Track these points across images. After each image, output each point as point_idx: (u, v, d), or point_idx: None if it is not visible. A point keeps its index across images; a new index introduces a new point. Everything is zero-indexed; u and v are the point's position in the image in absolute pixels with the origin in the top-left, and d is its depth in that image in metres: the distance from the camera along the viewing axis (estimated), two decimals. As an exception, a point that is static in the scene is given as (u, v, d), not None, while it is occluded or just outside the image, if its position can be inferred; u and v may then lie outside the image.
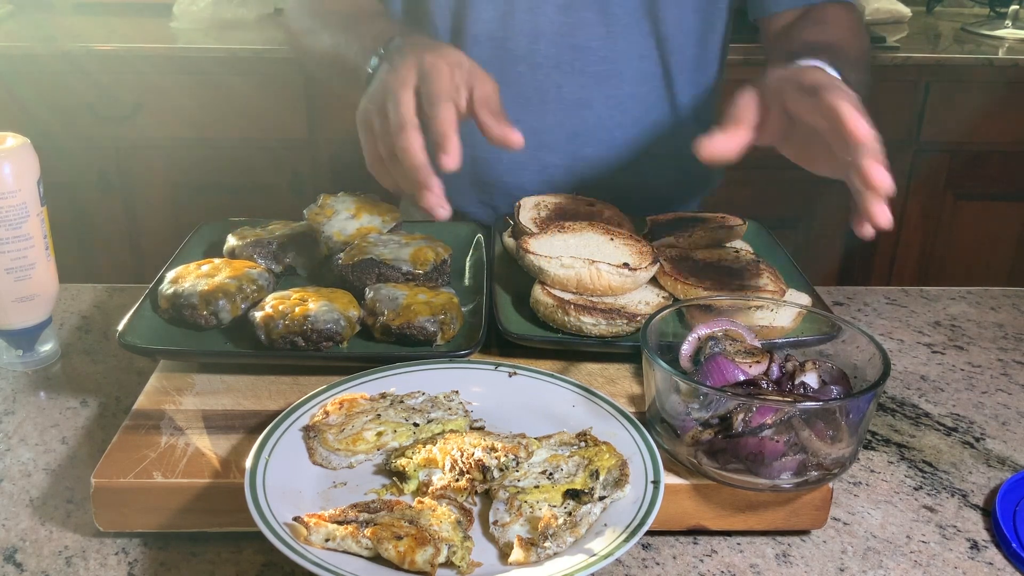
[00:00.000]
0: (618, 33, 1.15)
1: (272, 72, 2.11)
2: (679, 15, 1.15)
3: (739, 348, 0.74)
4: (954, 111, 2.24)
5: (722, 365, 0.72)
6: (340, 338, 0.83)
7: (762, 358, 0.73)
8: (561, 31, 1.14)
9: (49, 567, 0.67)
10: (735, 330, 0.77)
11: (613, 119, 1.19)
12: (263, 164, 2.22)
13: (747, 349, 0.74)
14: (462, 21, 1.14)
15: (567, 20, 1.14)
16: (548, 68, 1.16)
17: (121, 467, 0.69)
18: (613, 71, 1.17)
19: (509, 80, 1.16)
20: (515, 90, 1.16)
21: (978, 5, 2.67)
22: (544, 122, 1.18)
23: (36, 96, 2.12)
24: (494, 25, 1.14)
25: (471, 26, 1.14)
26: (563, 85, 1.17)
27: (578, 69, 1.16)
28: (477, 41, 1.15)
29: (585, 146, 1.20)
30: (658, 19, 1.15)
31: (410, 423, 0.72)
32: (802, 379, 0.72)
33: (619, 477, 0.66)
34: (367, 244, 0.96)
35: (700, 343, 0.76)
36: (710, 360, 0.73)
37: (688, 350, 0.76)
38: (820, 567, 0.69)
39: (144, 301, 0.89)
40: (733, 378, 0.72)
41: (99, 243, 2.27)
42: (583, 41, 1.15)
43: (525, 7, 1.13)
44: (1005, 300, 1.13)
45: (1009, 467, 0.81)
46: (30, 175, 0.87)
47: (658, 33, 1.16)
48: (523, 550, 0.60)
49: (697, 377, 0.72)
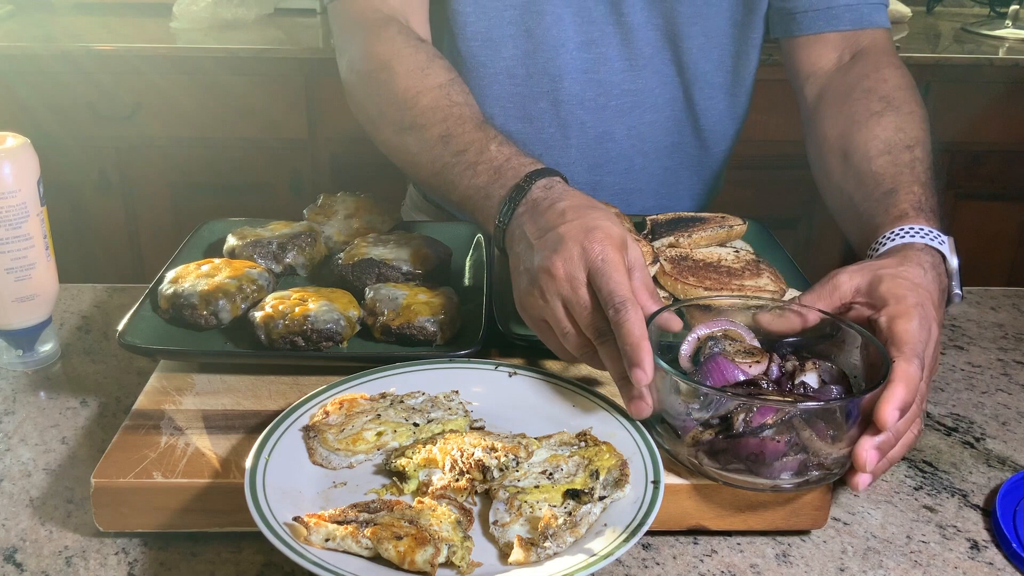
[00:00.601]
0: (641, 66, 1.13)
1: (272, 72, 2.11)
2: (704, 44, 1.13)
3: (739, 348, 0.74)
4: (954, 111, 2.24)
5: (722, 365, 0.72)
6: (340, 338, 0.83)
7: (762, 358, 0.73)
8: (584, 68, 1.12)
9: (49, 567, 0.67)
10: (735, 330, 0.77)
11: (635, 148, 1.18)
12: (263, 164, 2.22)
13: (747, 349, 0.74)
14: (486, 59, 1.12)
15: (589, 57, 1.12)
16: (571, 105, 1.14)
17: (121, 467, 0.69)
18: (636, 103, 1.16)
19: (531, 117, 1.15)
20: (537, 127, 1.15)
21: (978, 5, 2.67)
22: (566, 156, 1.17)
23: (36, 96, 2.12)
24: (516, 63, 1.12)
25: (494, 63, 1.12)
26: (586, 121, 1.15)
27: (601, 104, 1.15)
28: (498, 79, 1.13)
29: (606, 175, 1.19)
30: (680, 48, 1.13)
31: (410, 423, 0.72)
32: (802, 379, 0.72)
33: (619, 477, 0.66)
34: (367, 244, 0.96)
35: (700, 343, 0.76)
36: (710, 360, 0.73)
37: (687, 350, 0.76)
38: (820, 567, 0.69)
39: (144, 301, 0.89)
40: (733, 378, 0.72)
41: (99, 243, 2.27)
42: (606, 76, 1.13)
43: (548, 46, 1.11)
44: (1005, 300, 1.13)
45: (1009, 467, 0.81)
46: (30, 175, 0.87)
47: (680, 62, 1.14)
48: (523, 550, 0.60)
49: (697, 377, 0.72)
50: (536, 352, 0.86)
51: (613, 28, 1.11)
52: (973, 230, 2.36)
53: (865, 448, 0.66)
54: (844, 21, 1.08)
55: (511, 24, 1.10)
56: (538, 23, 1.10)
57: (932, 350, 0.73)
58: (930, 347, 0.72)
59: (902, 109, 0.99)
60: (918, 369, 0.68)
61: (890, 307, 0.73)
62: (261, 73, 2.11)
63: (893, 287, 0.74)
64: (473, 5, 1.09)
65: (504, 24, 1.10)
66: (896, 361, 0.68)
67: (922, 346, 0.70)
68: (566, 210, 0.77)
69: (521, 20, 1.10)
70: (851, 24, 1.08)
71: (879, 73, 1.03)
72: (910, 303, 0.73)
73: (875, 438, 0.67)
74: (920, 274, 0.77)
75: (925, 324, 0.72)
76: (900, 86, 1.02)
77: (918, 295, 0.74)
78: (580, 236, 0.74)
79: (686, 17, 1.11)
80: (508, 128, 1.13)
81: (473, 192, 0.86)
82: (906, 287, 0.74)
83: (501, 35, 1.10)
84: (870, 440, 0.67)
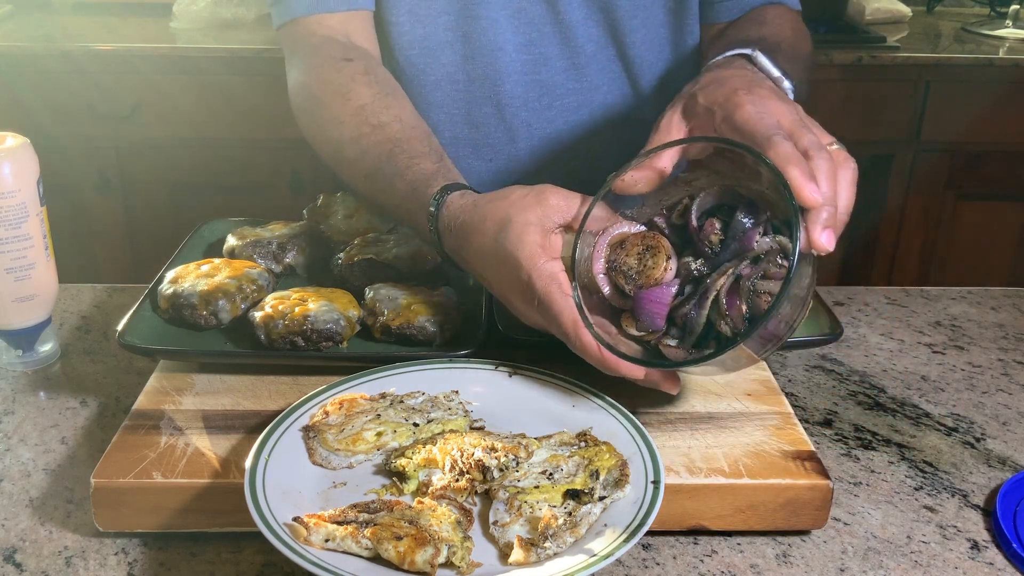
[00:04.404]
0: (584, 64, 1.12)
1: (272, 72, 2.10)
2: (646, 36, 1.13)
3: (637, 253, 0.74)
4: (954, 111, 2.24)
5: (648, 297, 0.72)
6: (340, 338, 0.83)
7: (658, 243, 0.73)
8: (524, 70, 1.11)
9: (49, 567, 0.67)
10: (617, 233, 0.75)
11: (586, 147, 1.17)
12: (263, 164, 2.22)
13: (642, 246, 0.74)
14: (425, 67, 1.10)
15: (529, 58, 1.10)
16: (515, 108, 1.12)
17: (121, 467, 0.69)
18: (583, 102, 1.14)
19: (476, 123, 1.13)
20: (483, 132, 1.13)
21: (978, 5, 2.67)
22: (515, 160, 1.15)
23: (36, 96, 2.12)
24: (455, 68, 1.11)
25: (434, 71, 1.11)
26: (532, 123, 1.14)
27: (546, 105, 1.13)
28: (439, 86, 1.11)
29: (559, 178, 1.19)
30: (624, 43, 1.12)
31: (410, 423, 0.72)
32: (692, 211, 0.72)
33: (619, 477, 0.66)
34: (367, 244, 0.96)
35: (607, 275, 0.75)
36: (637, 303, 0.72)
37: (604, 284, 0.75)
38: (820, 567, 0.69)
39: (144, 301, 0.89)
40: (668, 299, 0.72)
41: (99, 243, 2.27)
42: (548, 77, 1.12)
43: (485, 50, 1.09)
44: (1005, 300, 1.13)
45: (1009, 467, 0.81)
46: (30, 175, 0.87)
47: (626, 56, 1.13)
48: (523, 550, 0.60)
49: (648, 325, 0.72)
50: (536, 352, 0.86)
51: (551, 28, 1.10)
52: (973, 230, 2.36)
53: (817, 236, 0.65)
54: (757, 4, 1.11)
55: (447, 30, 1.09)
56: (474, 27, 1.08)
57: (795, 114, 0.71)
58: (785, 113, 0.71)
59: (784, 28, 1.02)
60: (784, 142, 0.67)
61: (716, 113, 0.72)
62: (261, 73, 2.11)
63: (707, 95, 0.74)
64: (407, 14, 1.08)
65: (440, 30, 1.09)
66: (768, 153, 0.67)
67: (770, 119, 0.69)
68: (481, 254, 0.79)
69: (457, 25, 1.08)
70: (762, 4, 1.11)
71: (771, 10, 1.08)
72: (728, 91, 0.72)
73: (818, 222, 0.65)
74: (729, 71, 0.77)
75: (759, 101, 0.71)
76: (782, 15, 1.06)
77: (733, 83, 0.73)
78: (509, 283, 0.76)
79: (626, 11, 1.10)
80: (455, 134, 1.13)
81: (413, 229, 0.89)
82: (715, 83, 0.74)
83: (438, 42, 1.09)
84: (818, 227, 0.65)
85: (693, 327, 0.71)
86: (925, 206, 2.33)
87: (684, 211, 0.74)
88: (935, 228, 2.36)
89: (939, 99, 2.22)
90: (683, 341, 0.72)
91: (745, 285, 0.69)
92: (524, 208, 0.76)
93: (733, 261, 0.70)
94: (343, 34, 1.04)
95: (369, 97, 0.96)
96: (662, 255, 0.73)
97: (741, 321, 0.69)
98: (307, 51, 1.04)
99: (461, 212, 0.81)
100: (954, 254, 2.38)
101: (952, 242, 2.37)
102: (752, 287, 0.69)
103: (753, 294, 0.69)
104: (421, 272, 0.94)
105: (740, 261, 0.69)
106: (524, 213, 0.76)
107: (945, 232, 2.36)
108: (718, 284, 0.69)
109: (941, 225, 2.35)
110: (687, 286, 0.72)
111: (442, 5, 1.08)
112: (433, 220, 0.83)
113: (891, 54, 2.19)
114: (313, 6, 1.03)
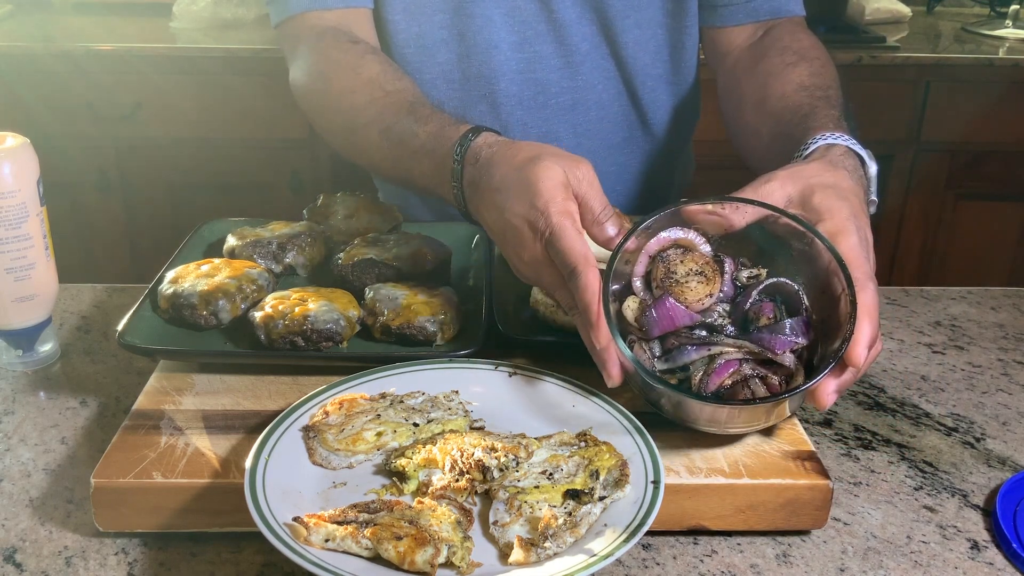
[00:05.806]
0: (578, 63, 1.13)
1: (272, 72, 2.11)
2: (640, 36, 1.13)
3: (690, 268, 0.73)
4: (954, 111, 2.24)
5: (670, 309, 0.71)
6: (340, 338, 0.83)
7: (713, 276, 0.73)
8: (519, 68, 1.12)
9: (49, 567, 0.67)
10: (686, 238, 0.75)
11: (581, 146, 1.17)
12: (263, 164, 2.22)
13: (699, 268, 0.73)
14: (420, 65, 1.11)
15: (524, 56, 1.11)
16: (510, 106, 1.13)
17: (121, 467, 0.69)
18: (577, 100, 1.15)
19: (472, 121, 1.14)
20: None
21: (978, 5, 2.67)
22: None
23: (36, 96, 2.12)
24: (451, 67, 1.12)
25: (429, 69, 1.12)
26: (527, 122, 1.15)
27: (541, 103, 1.14)
28: (435, 84, 1.12)
29: None
30: (617, 43, 1.13)
31: (410, 423, 0.72)
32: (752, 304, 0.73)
33: (619, 477, 0.66)
34: (367, 244, 0.96)
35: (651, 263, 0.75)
36: (659, 303, 0.72)
37: (641, 270, 0.75)
38: (820, 567, 0.69)
39: (144, 301, 0.89)
40: (682, 322, 0.72)
41: (99, 243, 2.27)
42: (542, 75, 1.12)
43: (480, 48, 1.10)
44: (1005, 300, 1.13)
45: (1009, 467, 0.81)
46: (30, 175, 0.87)
47: (619, 56, 1.14)
48: (523, 550, 0.60)
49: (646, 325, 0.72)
50: (536, 352, 0.86)
51: (545, 26, 1.11)
52: (973, 230, 2.36)
53: (827, 393, 0.68)
54: (763, 12, 1.12)
55: (442, 28, 1.10)
56: (469, 26, 1.09)
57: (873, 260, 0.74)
58: (871, 259, 0.73)
59: (816, 61, 1.03)
60: (875, 294, 0.69)
61: (826, 222, 0.73)
62: (261, 73, 2.11)
63: (825, 199, 0.75)
64: (403, 12, 1.09)
65: (435, 29, 1.10)
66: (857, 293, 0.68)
67: (868, 265, 0.71)
68: (502, 180, 0.77)
69: (452, 24, 1.09)
70: (769, 15, 1.12)
71: (792, 36, 1.08)
72: (845, 216, 0.73)
73: (838, 379, 0.68)
74: (847, 179, 0.78)
75: (863, 236, 0.73)
76: (814, 45, 1.07)
77: (850, 206, 0.74)
78: (523, 209, 0.74)
79: (618, 11, 1.11)
80: None
81: (427, 181, 0.88)
82: (837, 197, 0.75)
83: (433, 40, 1.10)
84: (833, 383, 0.68)
85: (672, 358, 0.72)
86: (925, 206, 2.33)
87: (753, 280, 0.74)
88: (935, 228, 2.36)
89: (939, 99, 2.22)
90: (654, 357, 0.73)
91: (742, 370, 0.70)
92: (560, 156, 0.76)
93: (756, 347, 0.71)
94: (344, 27, 1.05)
95: (379, 71, 0.97)
96: (707, 288, 0.73)
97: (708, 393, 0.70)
98: (311, 39, 1.04)
99: (494, 144, 0.81)
100: (954, 254, 2.38)
101: (952, 242, 2.37)
102: (744, 378, 0.70)
103: (741, 383, 0.70)
104: (421, 272, 0.94)
105: (760, 354, 0.70)
106: (558, 158, 0.76)
107: (945, 232, 2.36)
108: (724, 351, 0.71)
109: (941, 225, 2.35)
110: (702, 329, 0.73)
111: (436, 3, 1.08)
112: (461, 150, 0.82)
113: (891, 54, 2.19)
114: (311, 2, 1.03)
